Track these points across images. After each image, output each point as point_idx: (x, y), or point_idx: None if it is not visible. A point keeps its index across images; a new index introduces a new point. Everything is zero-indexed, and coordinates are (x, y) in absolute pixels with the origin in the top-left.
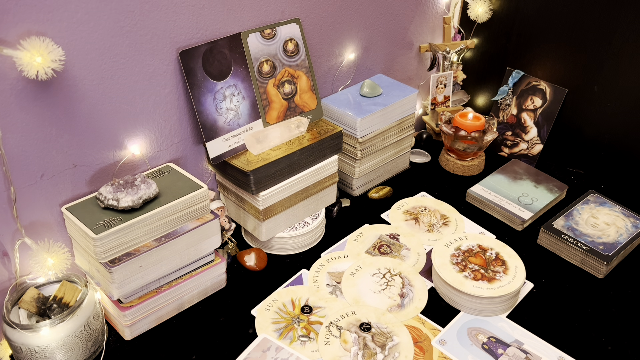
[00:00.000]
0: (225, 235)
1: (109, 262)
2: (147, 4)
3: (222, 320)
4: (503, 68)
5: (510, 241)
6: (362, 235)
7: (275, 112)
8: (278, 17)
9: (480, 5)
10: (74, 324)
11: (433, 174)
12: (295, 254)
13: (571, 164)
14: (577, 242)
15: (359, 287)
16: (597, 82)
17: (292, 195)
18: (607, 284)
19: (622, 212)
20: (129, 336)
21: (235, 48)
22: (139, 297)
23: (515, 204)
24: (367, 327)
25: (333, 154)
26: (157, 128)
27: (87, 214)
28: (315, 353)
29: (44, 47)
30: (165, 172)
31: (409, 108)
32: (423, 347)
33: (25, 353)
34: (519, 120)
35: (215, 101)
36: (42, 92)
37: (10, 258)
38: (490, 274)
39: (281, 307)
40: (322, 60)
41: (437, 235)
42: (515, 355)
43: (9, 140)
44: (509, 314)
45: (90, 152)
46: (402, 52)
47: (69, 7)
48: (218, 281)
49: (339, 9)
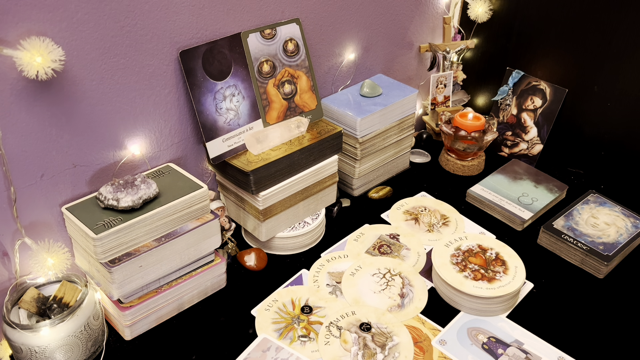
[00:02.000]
0: (225, 235)
1: (109, 262)
2: (147, 4)
3: (222, 320)
4: (503, 68)
5: (510, 241)
6: (362, 235)
7: (275, 112)
8: (278, 17)
9: (480, 5)
10: (74, 324)
11: (433, 174)
12: (295, 254)
13: (571, 164)
14: (577, 242)
15: (359, 287)
16: (597, 82)
17: (292, 195)
18: (607, 284)
19: (622, 212)
20: (129, 336)
21: (235, 48)
22: (139, 297)
23: (515, 204)
24: (367, 327)
25: (333, 154)
26: (157, 128)
27: (87, 214)
28: (315, 353)
29: (44, 47)
30: (165, 172)
31: (409, 108)
32: (423, 347)
33: (25, 353)
34: (519, 120)
35: (215, 101)
36: (42, 92)
37: (10, 258)
38: (490, 274)
39: (281, 307)
40: (322, 60)
41: (437, 235)
42: (515, 355)
43: (9, 140)
44: (509, 314)
45: (90, 152)
46: (402, 52)
47: (69, 7)
48: (218, 281)
49: (339, 9)
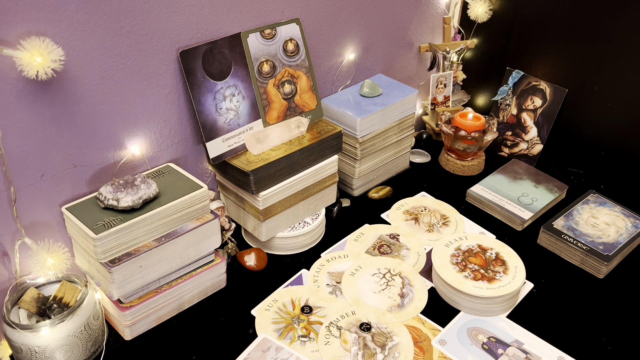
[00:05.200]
0: (225, 235)
1: (109, 262)
2: (147, 4)
3: (222, 320)
4: (503, 68)
5: (510, 241)
6: (362, 235)
7: (275, 112)
8: (278, 17)
9: (480, 5)
10: (74, 324)
11: (433, 174)
12: (295, 254)
13: (571, 164)
14: (577, 242)
15: (359, 287)
16: (597, 82)
17: (292, 195)
18: (607, 284)
19: (622, 212)
20: (129, 336)
21: (235, 48)
22: (139, 297)
23: (515, 204)
24: (367, 327)
25: (333, 154)
26: (157, 128)
27: (87, 214)
28: (315, 353)
29: (44, 47)
30: (165, 172)
31: (409, 108)
32: (423, 347)
33: (25, 353)
34: (519, 120)
35: (215, 101)
36: (42, 92)
37: (10, 258)
38: (490, 274)
39: (281, 307)
40: (322, 60)
41: (437, 235)
42: (515, 355)
43: (9, 140)
44: (509, 314)
45: (90, 152)
46: (402, 52)
47: (69, 7)
48: (218, 281)
49: (339, 9)
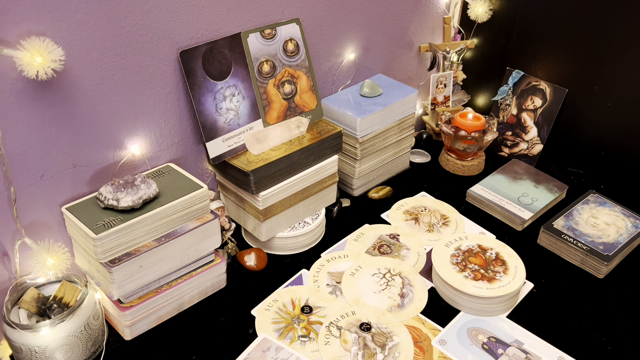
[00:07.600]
0: (225, 235)
1: (109, 262)
2: (147, 4)
3: (222, 320)
4: (503, 68)
5: (510, 241)
6: (362, 235)
7: (275, 112)
8: (278, 17)
9: (480, 5)
10: (74, 324)
11: (433, 174)
12: (295, 254)
13: (571, 164)
14: (577, 242)
15: (359, 287)
16: (597, 82)
17: (292, 195)
18: (607, 284)
19: (622, 212)
20: (129, 336)
21: (235, 48)
22: (139, 297)
23: (515, 204)
24: (367, 327)
25: (333, 154)
26: (157, 128)
27: (87, 214)
28: (315, 353)
29: (44, 47)
30: (165, 172)
31: (409, 108)
32: (423, 347)
33: (25, 353)
34: (519, 120)
35: (215, 101)
36: (42, 92)
37: (10, 258)
38: (490, 274)
39: (281, 307)
40: (322, 60)
41: (437, 235)
42: (515, 355)
43: (9, 140)
44: (509, 314)
45: (90, 152)
46: (402, 52)
47: (69, 7)
48: (218, 281)
49: (339, 9)
